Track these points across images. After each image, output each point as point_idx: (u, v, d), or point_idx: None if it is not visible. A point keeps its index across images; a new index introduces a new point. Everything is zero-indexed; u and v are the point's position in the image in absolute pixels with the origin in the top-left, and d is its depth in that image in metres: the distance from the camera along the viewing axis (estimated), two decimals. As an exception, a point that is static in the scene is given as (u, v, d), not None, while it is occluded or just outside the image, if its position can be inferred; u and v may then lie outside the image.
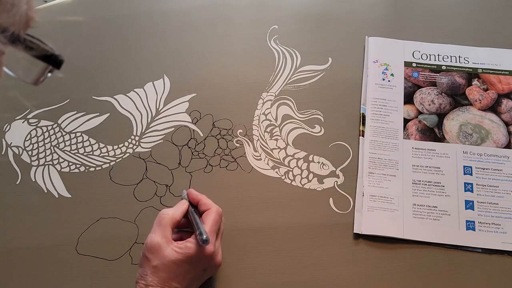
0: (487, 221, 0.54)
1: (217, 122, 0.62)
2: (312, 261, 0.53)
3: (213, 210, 0.48)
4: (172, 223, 0.47)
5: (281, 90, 0.64)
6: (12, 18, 0.24)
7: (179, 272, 0.45)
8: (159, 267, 0.44)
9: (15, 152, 0.62)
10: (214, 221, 0.47)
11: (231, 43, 0.69)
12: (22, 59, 0.26)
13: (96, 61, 0.69)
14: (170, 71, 0.67)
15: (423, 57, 0.65)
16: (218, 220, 0.48)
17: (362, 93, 0.63)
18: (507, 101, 0.61)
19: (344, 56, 0.66)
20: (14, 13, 0.24)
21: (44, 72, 0.27)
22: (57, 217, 0.57)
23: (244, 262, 0.53)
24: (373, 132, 0.60)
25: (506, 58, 0.65)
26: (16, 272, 0.54)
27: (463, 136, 0.59)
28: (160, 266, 0.44)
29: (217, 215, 0.48)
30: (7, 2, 0.23)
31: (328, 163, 0.58)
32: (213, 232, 0.47)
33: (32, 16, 0.26)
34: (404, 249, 0.53)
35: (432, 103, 0.62)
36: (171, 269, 0.44)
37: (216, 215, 0.48)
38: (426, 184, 0.56)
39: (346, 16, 0.70)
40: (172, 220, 0.47)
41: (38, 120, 0.64)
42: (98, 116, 0.64)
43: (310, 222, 0.55)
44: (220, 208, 0.49)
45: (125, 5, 0.74)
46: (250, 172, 0.59)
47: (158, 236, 0.45)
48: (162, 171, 0.59)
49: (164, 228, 0.46)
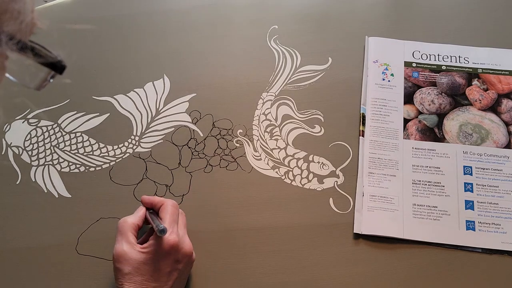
0: (487, 221, 0.54)
1: (217, 122, 0.62)
2: (312, 261, 0.53)
3: (167, 203, 0.49)
4: (132, 228, 0.48)
5: (281, 90, 0.64)
6: (18, 25, 0.24)
7: (151, 270, 0.45)
8: (132, 272, 0.45)
9: (15, 152, 0.62)
10: (170, 213, 0.48)
11: (231, 43, 0.69)
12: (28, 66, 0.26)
13: (96, 61, 0.69)
14: (170, 71, 0.67)
15: (423, 57, 0.65)
16: (174, 211, 0.49)
17: (362, 93, 0.63)
18: (507, 101, 0.61)
19: (344, 56, 0.66)
20: (20, 20, 0.24)
21: (47, 78, 0.28)
22: (57, 217, 0.57)
23: (244, 262, 0.53)
24: (373, 132, 0.60)
25: (506, 58, 0.65)
26: (16, 272, 0.54)
27: (463, 136, 0.59)
28: (132, 271, 0.45)
29: (172, 207, 0.49)
30: (14, 10, 0.24)
31: (328, 163, 0.59)
32: (172, 223, 0.48)
33: (36, 23, 0.26)
34: (404, 249, 0.53)
35: (432, 103, 0.62)
36: (143, 270, 0.45)
37: (170, 207, 0.49)
38: (426, 184, 0.56)
39: (346, 16, 0.70)
40: (131, 225, 0.48)
41: (38, 120, 0.64)
42: (98, 116, 0.64)
43: (310, 222, 0.55)
44: (174, 201, 0.50)
45: (125, 5, 0.74)
46: (250, 172, 0.59)
47: (122, 244, 0.46)
48: (162, 171, 0.59)
49: (125, 235, 0.47)
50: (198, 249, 0.54)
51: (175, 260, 0.46)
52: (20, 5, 0.24)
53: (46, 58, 0.26)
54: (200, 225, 0.55)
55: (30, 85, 0.28)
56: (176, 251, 0.46)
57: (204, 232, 0.55)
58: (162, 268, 0.45)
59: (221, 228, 0.55)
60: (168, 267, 0.46)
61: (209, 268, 0.53)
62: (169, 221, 0.47)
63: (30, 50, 0.25)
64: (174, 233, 0.47)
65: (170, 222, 0.47)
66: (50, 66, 0.27)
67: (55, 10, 0.74)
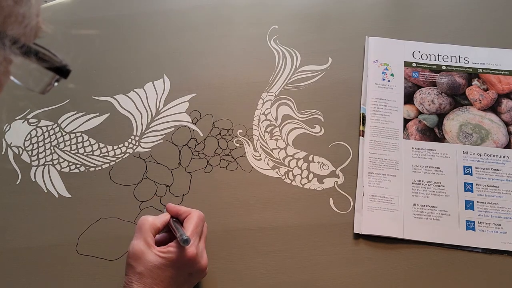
0: (487, 221, 0.54)
1: (217, 122, 0.62)
2: (312, 261, 0.53)
3: (194, 214, 0.48)
4: (152, 229, 0.47)
5: (281, 90, 0.64)
6: (23, 29, 0.24)
7: (164, 277, 0.44)
8: (144, 273, 0.44)
9: (15, 152, 0.62)
10: (195, 224, 0.47)
11: (231, 43, 0.69)
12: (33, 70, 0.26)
13: (96, 61, 0.69)
14: (170, 71, 0.67)
15: (423, 57, 0.65)
16: (199, 223, 0.48)
17: (362, 93, 0.63)
18: (507, 101, 0.61)
19: (344, 56, 0.66)
20: (25, 24, 0.24)
21: (51, 82, 0.28)
22: (57, 217, 0.57)
23: (244, 262, 0.53)
24: (373, 132, 0.60)
25: (506, 58, 0.65)
26: (16, 272, 0.54)
27: (463, 136, 0.59)
28: (145, 272, 0.44)
29: (198, 219, 0.48)
30: (19, 14, 0.23)
31: (328, 163, 0.59)
32: (195, 235, 0.47)
33: (41, 27, 0.26)
34: (404, 249, 0.53)
35: (432, 103, 0.62)
36: (155, 274, 0.44)
37: (196, 218, 0.48)
38: (426, 184, 0.56)
39: (346, 16, 0.70)
40: (152, 225, 0.47)
41: (38, 120, 0.64)
42: (98, 116, 0.64)
43: (310, 222, 0.55)
44: (201, 212, 0.49)
45: (125, 5, 0.74)
46: (250, 172, 0.59)
47: (140, 242, 0.45)
48: (162, 171, 0.59)
49: (145, 234, 0.46)
50: (198, 249, 0.54)
51: (189, 273, 0.46)
52: (25, 9, 0.24)
53: (51, 63, 0.26)
54: (200, 225, 0.55)
55: (35, 89, 0.28)
56: (192, 264, 0.46)
57: (204, 232, 0.55)
58: (175, 277, 0.45)
59: (221, 228, 0.55)
60: (181, 277, 0.45)
61: (209, 268, 0.53)
62: (192, 232, 0.46)
63: (34, 55, 0.25)
64: (195, 245, 0.46)
65: (193, 233, 0.46)
66: (55, 71, 0.27)
67: (55, 10, 0.74)
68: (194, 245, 0.46)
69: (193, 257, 0.45)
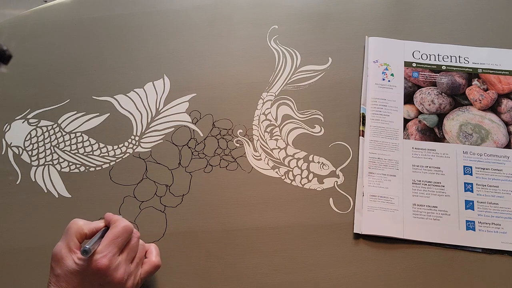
0: (487, 221, 0.54)
1: (217, 122, 0.62)
2: (312, 261, 0.53)
3: (118, 224, 0.47)
4: (78, 234, 0.46)
5: (281, 90, 0.64)
6: None
7: (76, 283, 0.44)
8: (61, 276, 0.44)
9: (15, 152, 0.62)
10: (114, 235, 0.45)
11: (231, 43, 0.69)
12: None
13: (96, 61, 0.69)
14: (170, 71, 0.67)
15: (423, 57, 0.65)
16: (120, 234, 0.46)
17: (362, 93, 0.63)
18: (507, 101, 0.61)
19: (344, 56, 0.66)
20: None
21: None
22: (57, 217, 0.57)
23: (244, 262, 0.53)
24: (373, 132, 0.60)
25: (506, 58, 0.65)
26: (16, 272, 0.54)
27: (463, 136, 0.59)
28: (62, 275, 0.44)
29: (122, 229, 0.46)
30: None
31: (328, 163, 0.59)
32: (112, 246, 0.45)
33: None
34: (404, 249, 0.53)
35: (432, 103, 0.62)
36: (70, 279, 0.44)
37: (120, 229, 0.46)
38: (426, 184, 0.56)
39: (346, 16, 0.70)
40: (79, 230, 0.46)
41: (38, 120, 0.64)
42: (98, 116, 0.64)
43: (310, 222, 0.55)
44: (128, 224, 0.47)
45: (125, 5, 0.74)
46: (250, 172, 0.59)
47: (63, 245, 0.45)
48: (162, 171, 0.59)
49: (69, 238, 0.45)
50: (198, 249, 0.54)
51: (100, 284, 0.44)
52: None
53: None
54: (200, 225, 0.55)
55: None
56: (103, 276, 0.44)
57: (204, 232, 0.55)
58: (86, 286, 0.44)
59: (221, 228, 0.55)
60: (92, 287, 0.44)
61: (209, 268, 0.53)
62: (107, 243, 0.45)
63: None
64: (107, 257, 0.44)
65: (108, 244, 0.45)
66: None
67: (55, 10, 0.75)
68: (107, 257, 0.44)
69: (103, 269, 0.44)
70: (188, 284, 0.52)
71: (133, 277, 0.46)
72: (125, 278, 0.45)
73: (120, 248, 0.46)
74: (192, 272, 0.53)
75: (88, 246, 0.43)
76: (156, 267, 0.49)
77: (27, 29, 0.72)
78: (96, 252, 0.44)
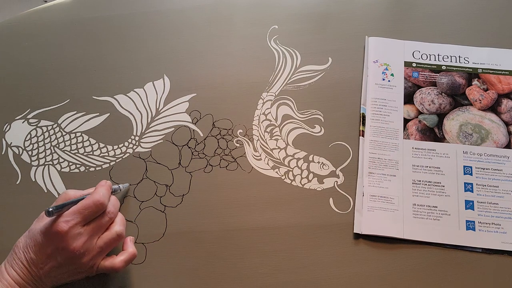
0: (487, 221, 0.54)
1: (217, 122, 0.62)
2: (312, 261, 0.53)
3: (90, 196, 0.47)
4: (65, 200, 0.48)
5: (281, 90, 0.64)
6: None
7: (36, 241, 0.45)
8: (31, 232, 0.47)
9: (15, 152, 0.62)
10: (81, 205, 0.46)
11: (231, 43, 0.69)
12: None
13: (96, 61, 0.69)
14: (170, 71, 0.67)
15: (423, 57, 0.65)
16: (87, 206, 0.46)
17: (362, 93, 0.63)
18: (507, 101, 0.61)
19: (344, 56, 0.66)
20: None
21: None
22: (57, 217, 0.57)
23: (244, 262, 0.53)
24: (373, 132, 0.60)
25: (506, 58, 0.65)
26: (16, 272, 0.54)
27: (463, 136, 0.59)
28: (32, 230, 0.47)
29: (89, 201, 0.46)
30: None
31: (328, 163, 0.59)
32: (78, 215, 0.45)
33: None
34: (404, 249, 0.53)
35: (432, 103, 0.62)
36: (34, 236, 0.46)
37: (87, 200, 0.46)
38: (426, 184, 0.56)
39: (346, 16, 0.70)
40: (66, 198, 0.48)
41: (38, 120, 0.64)
42: (98, 116, 0.64)
43: (310, 222, 0.55)
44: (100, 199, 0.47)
45: (125, 5, 0.74)
46: (250, 172, 0.59)
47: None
48: (162, 171, 0.59)
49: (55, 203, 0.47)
50: (198, 249, 0.54)
51: (55, 247, 0.45)
52: None
53: None
54: (200, 225, 0.55)
55: None
56: (59, 240, 0.44)
57: (204, 232, 0.55)
58: (44, 246, 0.45)
59: (221, 228, 0.55)
60: (48, 249, 0.45)
61: (209, 268, 0.53)
62: (73, 211, 0.45)
63: None
64: (68, 223, 0.44)
65: (74, 212, 0.45)
66: None
67: (55, 10, 0.75)
68: (69, 223, 0.44)
69: (60, 233, 0.44)
70: (188, 284, 0.52)
71: (91, 256, 0.46)
72: (81, 251, 0.45)
73: (86, 219, 0.46)
74: (192, 272, 0.53)
75: (51, 208, 0.44)
76: (133, 256, 0.50)
77: (27, 29, 0.72)
78: (61, 216, 0.45)
